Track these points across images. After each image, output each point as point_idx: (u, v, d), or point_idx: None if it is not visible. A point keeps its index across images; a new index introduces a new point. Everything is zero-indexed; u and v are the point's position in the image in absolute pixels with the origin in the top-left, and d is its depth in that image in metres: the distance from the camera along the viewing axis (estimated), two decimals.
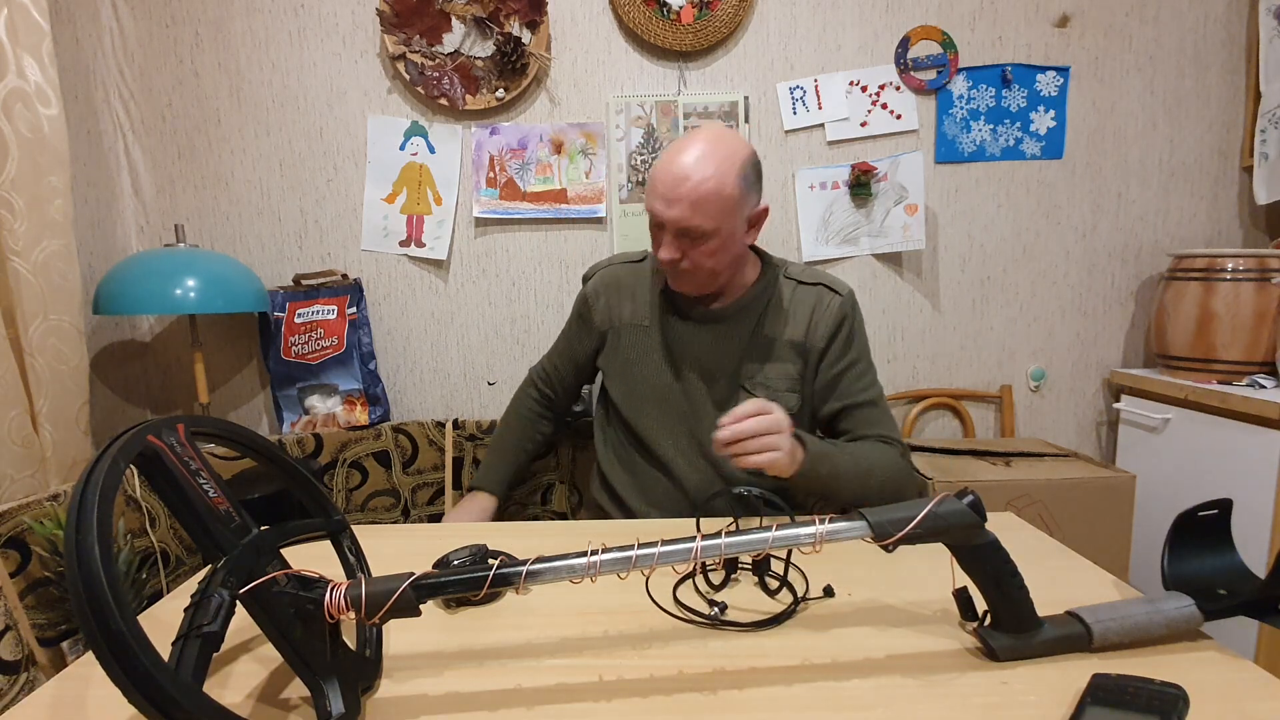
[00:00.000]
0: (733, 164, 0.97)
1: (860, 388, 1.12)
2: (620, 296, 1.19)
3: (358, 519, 1.67)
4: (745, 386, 1.09)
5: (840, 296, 1.11)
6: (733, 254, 1.03)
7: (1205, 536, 0.69)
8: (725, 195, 0.96)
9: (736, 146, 0.99)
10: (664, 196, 0.97)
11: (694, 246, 0.99)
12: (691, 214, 0.96)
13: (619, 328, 1.18)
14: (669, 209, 0.96)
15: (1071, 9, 1.78)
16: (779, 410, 0.88)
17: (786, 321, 1.10)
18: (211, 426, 0.63)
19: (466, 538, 0.86)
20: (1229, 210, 1.85)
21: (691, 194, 0.95)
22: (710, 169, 0.95)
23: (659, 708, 0.56)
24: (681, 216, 0.96)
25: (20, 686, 0.99)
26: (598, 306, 1.20)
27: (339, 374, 1.81)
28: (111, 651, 0.41)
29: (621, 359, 1.17)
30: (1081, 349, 1.90)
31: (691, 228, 0.96)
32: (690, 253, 0.99)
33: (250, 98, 1.81)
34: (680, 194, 0.95)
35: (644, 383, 1.14)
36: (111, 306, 1.51)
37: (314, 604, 0.54)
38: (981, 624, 0.64)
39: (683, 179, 0.95)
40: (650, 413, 1.14)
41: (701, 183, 0.95)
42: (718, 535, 0.59)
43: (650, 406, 1.14)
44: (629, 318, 1.17)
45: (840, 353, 1.10)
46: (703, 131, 0.99)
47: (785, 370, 1.09)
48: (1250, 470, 1.45)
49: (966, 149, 1.83)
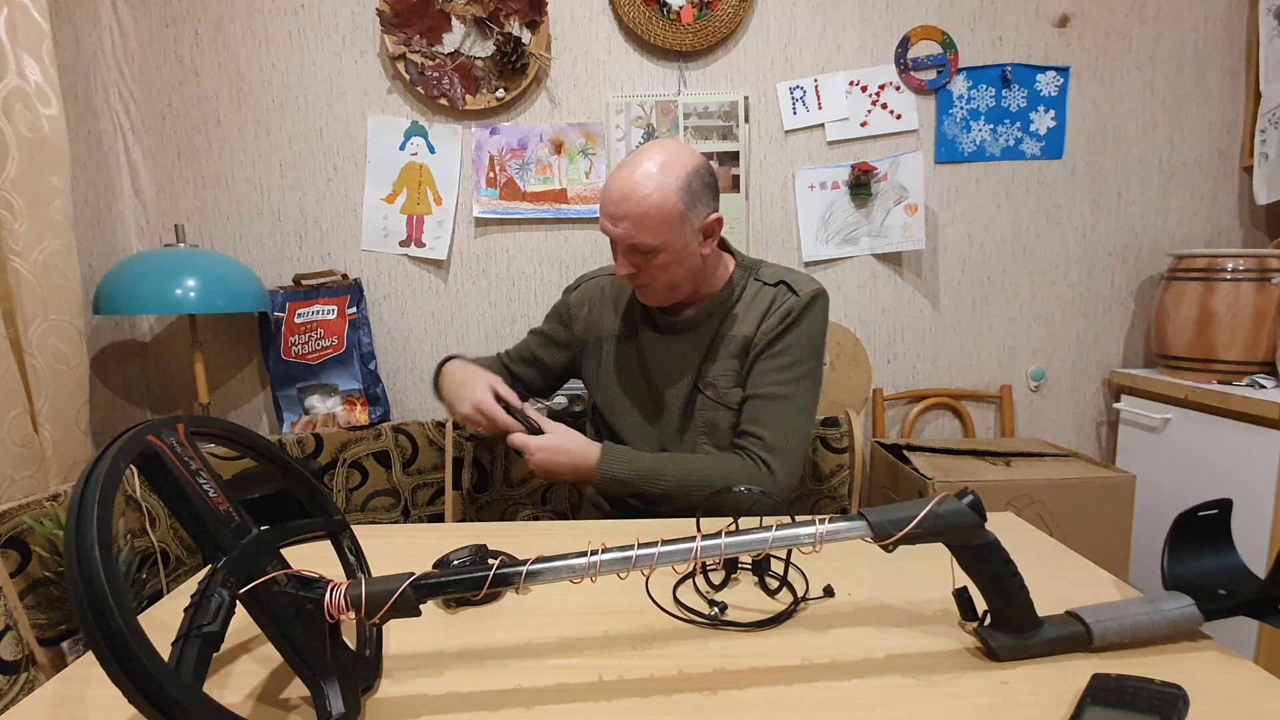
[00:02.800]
0: (675, 178, 0.98)
1: (772, 380, 1.05)
2: (603, 307, 1.20)
3: (358, 519, 1.67)
4: (699, 388, 1.10)
5: (796, 296, 1.07)
6: (688, 266, 1.03)
7: (1205, 536, 0.69)
8: (668, 210, 0.97)
9: (682, 159, 1.00)
10: (609, 214, 0.99)
11: (646, 261, 1.01)
12: (635, 230, 0.98)
13: (600, 338, 1.19)
14: (615, 226, 0.99)
15: (1071, 9, 1.78)
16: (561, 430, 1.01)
17: (742, 321, 1.10)
18: (211, 426, 0.63)
19: (466, 538, 0.86)
20: (1229, 210, 1.85)
21: (633, 210, 0.97)
22: (651, 185, 0.97)
23: (659, 708, 0.56)
24: (626, 233, 0.98)
25: (20, 686, 0.99)
26: (579, 316, 1.22)
27: (339, 374, 1.81)
28: (111, 651, 0.41)
29: (602, 369, 1.19)
30: (1081, 349, 1.90)
31: (638, 244, 0.98)
32: (644, 267, 1.01)
33: (250, 98, 1.81)
34: (623, 211, 0.97)
35: (620, 392, 1.16)
36: (111, 306, 1.51)
37: (314, 604, 0.54)
38: (981, 624, 0.64)
39: (625, 196, 0.97)
40: (627, 421, 1.16)
41: (643, 199, 0.97)
42: (718, 535, 0.59)
43: (626, 415, 1.16)
44: (609, 329, 1.18)
45: (770, 344, 1.06)
46: (649, 148, 1.01)
47: (731, 366, 1.09)
48: (1250, 470, 1.45)
49: (966, 149, 1.83)
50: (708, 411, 1.10)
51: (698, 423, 1.11)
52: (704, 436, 1.11)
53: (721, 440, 1.10)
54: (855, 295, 1.87)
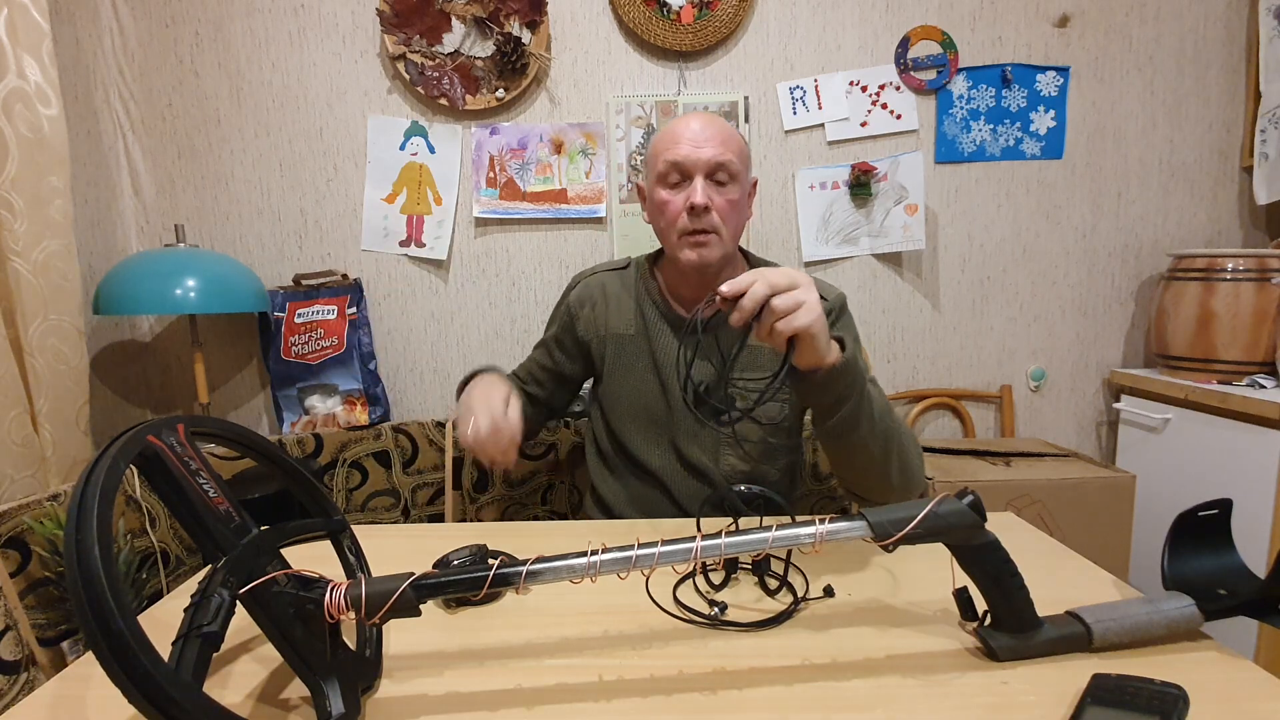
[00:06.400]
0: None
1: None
2: (605, 304, 1.16)
3: (358, 519, 1.67)
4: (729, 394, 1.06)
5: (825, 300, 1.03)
6: (742, 218, 1.05)
7: (1205, 536, 0.69)
8: (743, 143, 1.03)
9: None
10: (692, 140, 0.99)
11: (721, 193, 1.00)
12: (723, 150, 0.99)
13: (604, 336, 1.15)
14: (700, 150, 0.99)
15: (1071, 9, 1.78)
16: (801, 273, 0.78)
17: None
18: (211, 426, 0.63)
19: (466, 538, 0.86)
20: (1229, 210, 1.85)
21: (718, 134, 0.99)
22: (724, 121, 1.03)
23: (659, 708, 0.56)
24: (716, 153, 0.98)
25: (20, 686, 0.99)
26: (582, 315, 1.17)
27: (339, 374, 1.81)
28: (111, 651, 0.41)
29: (607, 368, 1.14)
30: (1081, 349, 1.90)
31: (725, 163, 0.99)
32: (716, 200, 1.00)
33: (250, 98, 1.81)
34: (710, 134, 0.99)
35: (629, 393, 1.11)
36: (111, 306, 1.51)
37: (314, 604, 0.54)
38: (981, 624, 0.64)
39: (708, 123, 1.00)
40: (637, 423, 1.11)
41: (724, 126, 1.01)
42: (718, 535, 0.59)
43: (637, 417, 1.11)
44: (614, 326, 1.14)
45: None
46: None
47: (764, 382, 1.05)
48: (1250, 470, 1.45)
49: (966, 149, 1.83)
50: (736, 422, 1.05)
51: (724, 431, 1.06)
52: (729, 448, 1.07)
53: (751, 453, 1.07)
54: (855, 295, 1.87)
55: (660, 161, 1.00)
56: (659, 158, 1.01)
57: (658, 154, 1.01)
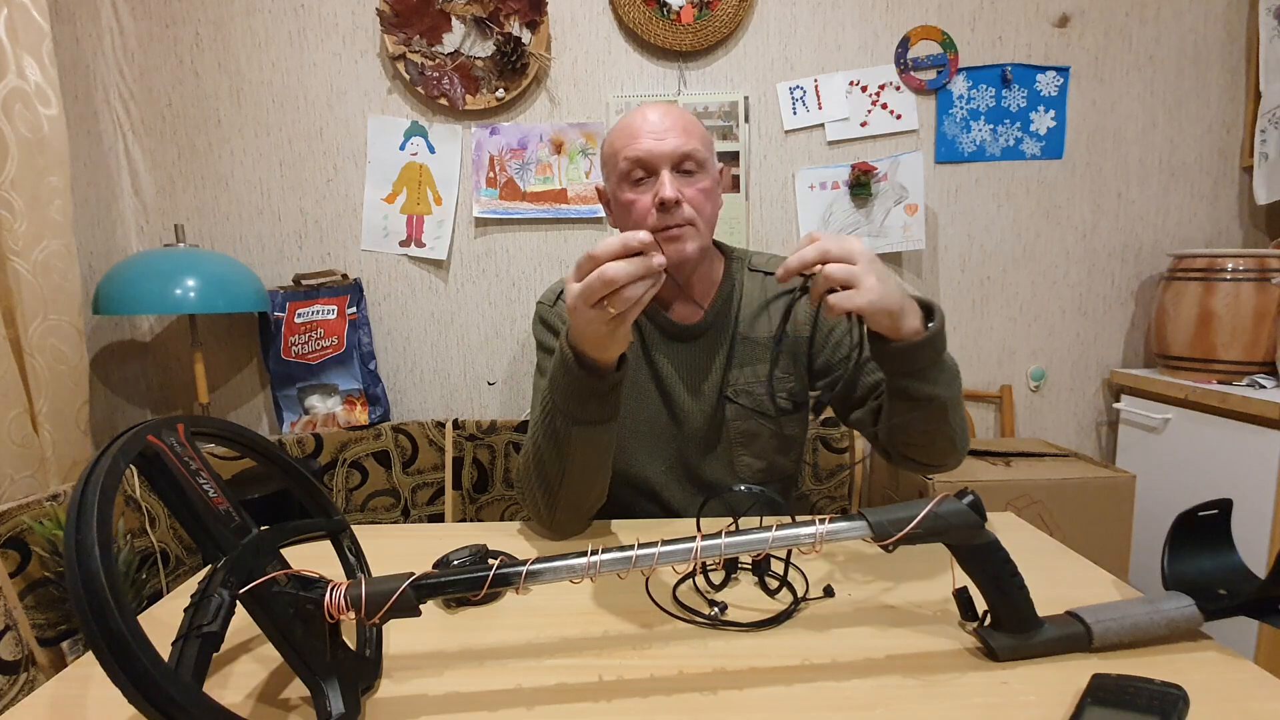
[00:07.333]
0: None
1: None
2: None
3: (358, 519, 1.67)
4: (729, 395, 1.03)
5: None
6: (715, 205, 0.99)
7: (1205, 536, 0.69)
8: (704, 130, 0.98)
9: None
10: (653, 133, 0.93)
11: (690, 183, 0.94)
12: (686, 138, 0.93)
13: None
14: (663, 141, 0.93)
15: (1071, 9, 1.78)
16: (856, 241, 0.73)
17: (763, 320, 1.04)
18: (211, 426, 0.63)
19: (466, 538, 0.86)
20: (1229, 210, 1.85)
21: (677, 122, 0.94)
22: (680, 109, 0.97)
23: (659, 708, 0.56)
24: (680, 143, 0.93)
25: (20, 686, 0.99)
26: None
27: (339, 374, 1.81)
28: (111, 651, 0.41)
29: None
30: (1081, 349, 1.90)
31: (690, 152, 0.93)
32: (687, 191, 0.94)
33: (250, 98, 1.81)
34: (669, 124, 0.94)
35: (629, 409, 1.04)
36: (111, 306, 1.51)
37: (314, 604, 0.54)
38: (981, 624, 0.64)
39: (665, 113, 0.95)
40: (637, 438, 1.05)
41: (682, 114, 0.96)
42: (718, 535, 0.58)
43: (636, 432, 1.05)
44: None
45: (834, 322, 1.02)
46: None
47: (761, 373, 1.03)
48: (1250, 470, 1.45)
49: (966, 149, 1.83)
50: (742, 421, 1.03)
51: (731, 434, 1.03)
52: (741, 448, 1.04)
53: (763, 450, 1.04)
54: None
55: (620, 160, 0.94)
56: (618, 156, 0.95)
57: (616, 152, 0.95)
